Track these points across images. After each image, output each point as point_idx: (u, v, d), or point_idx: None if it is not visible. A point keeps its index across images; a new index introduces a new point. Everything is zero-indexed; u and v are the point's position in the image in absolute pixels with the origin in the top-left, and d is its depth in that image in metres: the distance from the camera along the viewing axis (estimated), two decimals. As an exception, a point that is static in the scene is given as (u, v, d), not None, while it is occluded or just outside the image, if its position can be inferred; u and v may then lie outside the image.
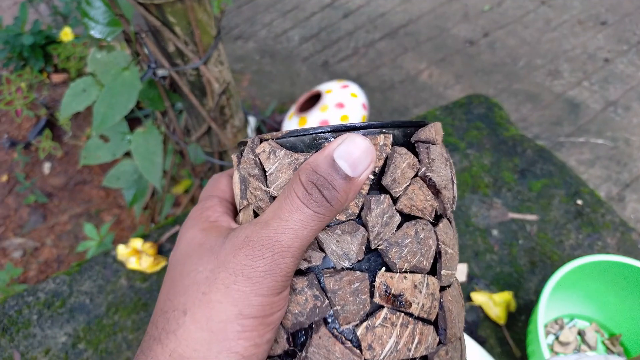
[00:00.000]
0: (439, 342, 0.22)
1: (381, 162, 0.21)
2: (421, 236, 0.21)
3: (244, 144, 0.24)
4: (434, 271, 0.22)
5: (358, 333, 0.20)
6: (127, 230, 1.28)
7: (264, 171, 0.22)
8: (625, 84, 1.55)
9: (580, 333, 0.52)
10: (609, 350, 0.51)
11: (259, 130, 1.46)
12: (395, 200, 0.21)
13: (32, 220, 1.33)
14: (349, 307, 0.20)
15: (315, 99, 1.31)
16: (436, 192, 0.23)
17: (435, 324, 0.22)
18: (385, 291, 0.20)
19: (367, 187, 0.21)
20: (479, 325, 0.54)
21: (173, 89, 0.75)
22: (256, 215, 0.23)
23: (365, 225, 0.21)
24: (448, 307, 0.23)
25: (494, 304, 0.53)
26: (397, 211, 0.21)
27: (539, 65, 1.63)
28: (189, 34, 0.65)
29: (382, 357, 0.20)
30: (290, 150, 0.21)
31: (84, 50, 1.51)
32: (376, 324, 0.20)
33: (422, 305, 0.21)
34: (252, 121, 1.43)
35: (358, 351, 0.20)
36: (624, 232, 0.60)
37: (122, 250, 0.60)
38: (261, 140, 0.22)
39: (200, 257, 0.21)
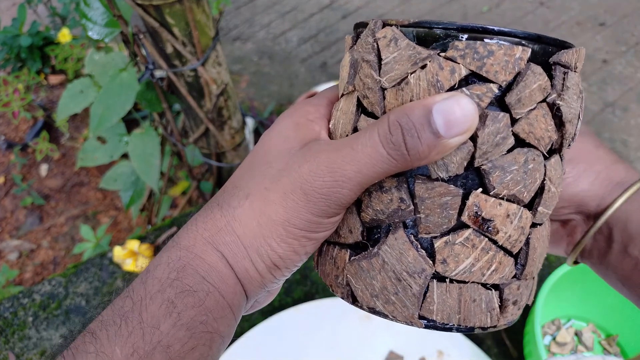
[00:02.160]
0: (514, 276, 0.21)
1: (511, 77, 0.19)
2: (529, 166, 0.20)
3: (364, 25, 0.21)
4: (530, 205, 0.21)
5: (435, 245, 0.20)
6: (124, 232, 1.27)
7: (380, 58, 0.20)
8: (623, 85, 1.55)
9: (577, 334, 0.52)
10: (606, 351, 0.51)
11: (257, 132, 1.46)
12: (513, 122, 0.19)
13: (28, 222, 1.32)
14: (433, 218, 0.20)
15: (313, 100, 1.31)
16: (560, 123, 0.21)
17: (515, 257, 0.21)
18: (476, 212, 0.20)
19: (487, 100, 0.19)
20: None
21: (171, 90, 0.75)
22: (360, 104, 0.21)
23: (474, 140, 0.19)
24: (533, 245, 0.22)
25: (492, 305, 0.53)
26: (513, 134, 0.19)
27: (536, 67, 1.64)
28: (187, 35, 0.65)
29: (453, 273, 0.20)
30: (415, 42, 0.19)
31: (82, 51, 1.51)
32: (456, 241, 0.20)
33: (509, 236, 0.20)
34: (250, 123, 1.43)
35: (431, 262, 0.20)
36: (621, 233, 0.60)
37: (118, 252, 0.60)
38: (384, 25, 0.20)
39: (279, 152, 0.22)
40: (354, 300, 0.22)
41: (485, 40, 0.18)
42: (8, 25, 1.48)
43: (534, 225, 0.22)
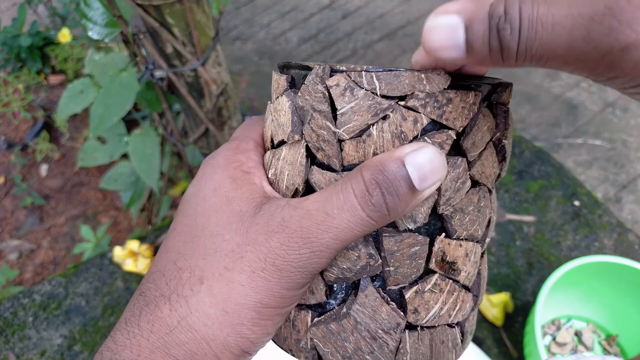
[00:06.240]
0: (472, 309, 0.22)
1: (466, 122, 0.19)
2: (481, 204, 0.20)
3: (304, 67, 0.20)
4: (482, 239, 0.22)
5: (406, 296, 0.19)
6: (124, 232, 1.27)
7: (334, 108, 0.18)
8: (622, 85, 1.55)
9: (577, 334, 0.52)
10: (606, 351, 0.51)
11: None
12: (470, 165, 0.19)
13: (28, 222, 1.32)
14: (402, 270, 0.19)
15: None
16: (502, 159, 0.21)
17: (471, 290, 0.22)
18: (442, 257, 0.20)
19: (447, 147, 0.18)
20: (476, 327, 0.53)
21: (171, 90, 0.75)
22: (309, 154, 0.20)
23: (438, 188, 0.19)
24: (483, 275, 0.22)
25: (491, 305, 0.53)
26: (469, 177, 0.20)
27: (536, 67, 1.64)
28: (187, 35, 0.65)
29: (424, 321, 0.20)
30: (369, 91, 0.18)
31: (82, 51, 1.51)
32: (426, 289, 0.20)
33: (468, 273, 0.21)
34: (250, 122, 1.43)
35: (402, 313, 0.20)
36: (620, 233, 0.61)
37: (118, 252, 0.60)
38: (332, 71, 0.18)
39: (228, 221, 0.19)
40: None
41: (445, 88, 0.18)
42: (8, 25, 1.48)
43: (481, 255, 0.22)
